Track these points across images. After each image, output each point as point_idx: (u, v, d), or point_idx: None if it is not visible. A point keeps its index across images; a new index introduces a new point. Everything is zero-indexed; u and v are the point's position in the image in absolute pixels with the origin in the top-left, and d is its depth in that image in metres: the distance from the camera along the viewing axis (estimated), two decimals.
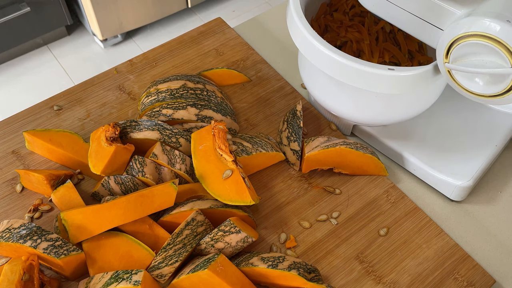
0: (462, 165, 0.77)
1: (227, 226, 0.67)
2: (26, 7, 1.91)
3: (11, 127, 0.82)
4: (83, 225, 0.66)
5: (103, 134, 0.72)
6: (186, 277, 0.63)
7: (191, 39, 0.95)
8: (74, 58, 2.13)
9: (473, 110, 0.83)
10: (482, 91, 0.63)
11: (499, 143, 0.80)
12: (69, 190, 0.71)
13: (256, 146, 0.75)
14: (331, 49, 0.68)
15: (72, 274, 0.67)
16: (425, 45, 0.84)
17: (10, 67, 2.10)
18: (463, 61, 0.62)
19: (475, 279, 0.70)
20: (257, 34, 0.99)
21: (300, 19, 0.71)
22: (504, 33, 0.57)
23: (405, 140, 0.81)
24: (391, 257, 0.71)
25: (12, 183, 0.76)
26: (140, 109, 0.82)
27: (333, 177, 0.78)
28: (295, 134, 0.78)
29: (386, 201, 0.76)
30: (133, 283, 0.61)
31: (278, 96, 0.88)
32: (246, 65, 0.91)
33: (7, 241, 0.64)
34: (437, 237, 0.73)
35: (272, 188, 0.77)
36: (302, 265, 0.66)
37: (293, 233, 0.73)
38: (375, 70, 0.66)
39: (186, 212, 0.69)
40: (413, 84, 0.67)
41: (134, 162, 0.72)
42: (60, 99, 0.86)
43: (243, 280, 0.65)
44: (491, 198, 0.79)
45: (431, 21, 0.65)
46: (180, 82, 0.82)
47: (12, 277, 0.62)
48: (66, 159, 0.76)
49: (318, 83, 0.77)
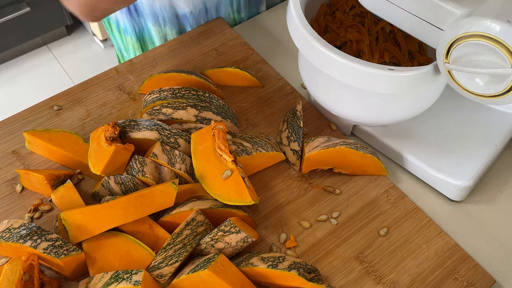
0: (462, 165, 0.77)
1: (227, 226, 0.67)
2: (26, 7, 1.91)
3: (11, 127, 0.82)
4: (83, 225, 0.66)
5: (102, 134, 0.72)
6: (186, 277, 0.63)
7: (191, 39, 0.95)
8: (74, 58, 2.13)
9: (473, 110, 0.83)
10: (482, 91, 0.63)
11: (499, 143, 0.80)
12: (69, 190, 0.71)
13: (256, 146, 0.75)
14: (331, 49, 0.68)
15: (72, 274, 0.67)
16: (425, 45, 0.84)
17: (10, 67, 2.10)
18: (463, 61, 0.62)
19: (475, 279, 0.70)
20: (257, 34, 0.99)
21: (300, 19, 0.71)
22: (504, 33, 0.57)
23: (405, 140, 0.81)
24: (391, 257, 0.71)
25: (12, 183, 0.76)
26: (143, 106, 0.82)
27: (333, 177, 0.78)
28: (295, 134, 0.78)
29: (386, 201, 0.76)
30: (133, 283, 0.61)
31: (278, 96, 0.88)
32: (246, 65, 0.91)
33: (7, 241, 0.64)
34: (437, 237, 0.73)
35: (272, 188, 0.77)
36: (302, 265, 0.66)
37: (293, 233, 0.73)
38: (375, 70, 0.66)
39: (186, 212, 0.69)
40: (413, 84, 0.67)
41: (134, 162, 0.72)
42: (60, 99, 0.86)
43: (243, 280, 0.65)
44: (491, 198, 0.79)
45: (431, 21, 0.65)
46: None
47: (12, 277, 0.62)
48: (66, 159, 0.76)
49: (318, 83, 0.77)
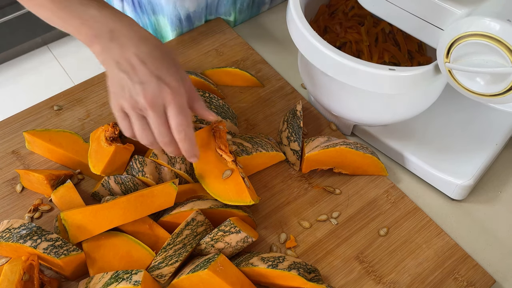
0: (463, 164, 0.77)
1: (227, 226, 0.67)
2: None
3: (11, 127, 0.82)
4: (83, 225, 0.66)
5: (102, 134, 0.72)
6: (186, 277, 0.63)
7: (191, 39, 0.95)
8: (74, 58, 2.13)
9: (474, 109, 0.83)
10: (483, 90, 0.63)
11: (500, 141, 0.80)
12: (69, 190, 0.71)
13: (256, 146, 0.75)
14: (331, 49, 0.68)
15: (72, 274, 0.67)
16: (424, 45, 0.84)
17: (10, 67, 2.10)
18: (464, 60, 0.62)
19: (475, 279, 0.70)
20: (257, 34, 0.99)
21: (300, 19, 0.71)
22: (504, 32, 0.57)
23: (406, 139, 0.81)
24: (391, 257, 0.71)
25: (12, 183, 0.76)
26: None
27: (333, 177, 0.78)
28: (295, 134, 0.78)
29: (386, 201, 0.76)
30: (133, 283, 0.61)
31: (278, 96, 0.88)
32: (246, 65, 0.91)
33: (7, 241, 0.64)
34: (437, 237, 0.73)
35: (272, 188, 0.77)
36: (302, 265, 0.66)
37: (293, 233, 0.73)
38: (376, 70, 0.66)
39: (186, 212, 0.69)
40: (414, 84, 0.67)
41: (134, 162, 0.72)
42: (60, 99, 0.86)
43: (243, 280, 0.64)
44: (491, 198, 0.79)
45: (431, 21, 0.65)
46: None
47: (12, 277, 0.62)
48: (66, 159, 0.76)
49: (318, 83, 0.77)
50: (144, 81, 0.58)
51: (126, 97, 0.59)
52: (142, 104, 0.58)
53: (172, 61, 0.61)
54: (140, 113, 0.60)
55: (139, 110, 0.59)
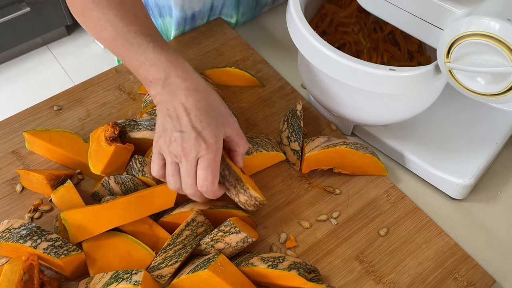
0: (463, 163, 0.77)
1: (227, 227, 0.67)
2: (26, 7, 1.91)
3: (11, 127, 0.82)
4: (83, 225, 0.66)
5: (102, 134, 0.72)
6: (186, 277, 0.63)
7: (191, 39, 0.95)
8: (74, 58, 2.13)
9: (474, 108, 0.83)
10: (484, 90, 0.63)
11: (500, 140, 0.80)
12: (69, 190, 0.71)
13: (257, 146, 0.75)
14: (331, 49, 0.68)
15: (72, 274, 0.67)
16: (424, 45, 0.84)
17: (10, 67, 2.10)
18: (464, 60, 0.62)
19: (475, 279, 0.70)
20: (257, 34, 0.99)
21: (300, 19, 0.71)
22: (504, 31, 0.57)
23: (406, 139, 0.81)
24: (391, 257, 0.71)
25: (12, 183, 0.76)
26: (143, 106, 0.82)
27: (333, 177, 0.78)
28: (295, 134, 0.78)
29: (386, 201, 0.76)
30: (133, 283, 0.61)
31: (278, 96, 0.88)
32: (246, 65, 0.91)
33: (7, 241, 0.64)
34: (437, 237, 0.73)
35: (272, 188, 0.77)
36: (302, 265, 0.66)
37: (293, 233, 0.73)
38: (376, 70, 0.66)
39: (186, 212, 0.69)
40: (414, 84, 0.67)
41: (134, 162, 0.72)
42: (60, 99, 0.86)
43: (243, 280, 0.64)
44: (491, 198, 0.79)
45: (431, 21, 0.65)
46: None
47: (12, 277, 0.62)
48: (66, 159, 0.76)
49: (318, 83, 0.77)
50: (184, 131, 0.62)
51: (166, 139, 0.63)
52: (178, 151, 0.62)
53: (215, 115, 0.64)
54: (174, 159, 0.63)
55: (174, 156, 0.63)
